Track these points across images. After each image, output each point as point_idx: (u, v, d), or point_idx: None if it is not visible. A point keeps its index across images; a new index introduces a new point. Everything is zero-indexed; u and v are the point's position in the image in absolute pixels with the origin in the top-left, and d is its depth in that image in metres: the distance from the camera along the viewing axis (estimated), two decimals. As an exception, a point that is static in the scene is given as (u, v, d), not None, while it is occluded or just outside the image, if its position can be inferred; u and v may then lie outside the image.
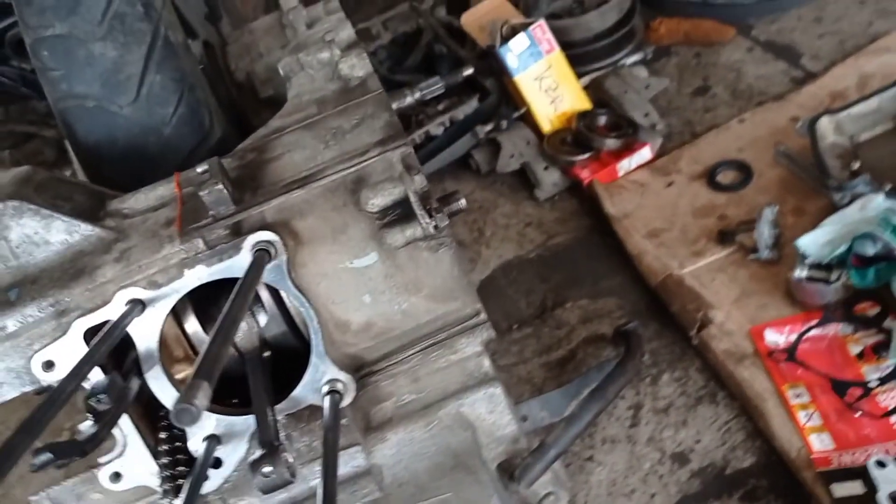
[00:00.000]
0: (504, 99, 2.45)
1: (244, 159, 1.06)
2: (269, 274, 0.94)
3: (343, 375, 0.99)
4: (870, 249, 1.65)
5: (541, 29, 2.29)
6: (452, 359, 1.05)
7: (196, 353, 1.03)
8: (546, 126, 2.35)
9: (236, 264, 0.93)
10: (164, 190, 1.06)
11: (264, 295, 1.01)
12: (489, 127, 2.41)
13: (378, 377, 1.03)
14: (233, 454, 0.97)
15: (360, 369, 1.02)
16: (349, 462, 1.01)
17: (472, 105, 2.49)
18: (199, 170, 0.98)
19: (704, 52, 2.56)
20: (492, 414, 1.04)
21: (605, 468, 1.65)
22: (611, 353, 1.82)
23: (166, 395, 0.96)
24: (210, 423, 0.97)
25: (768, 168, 2.04)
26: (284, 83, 1.32)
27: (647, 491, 1.59)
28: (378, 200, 0.93)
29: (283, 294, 0.97)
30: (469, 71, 1.76)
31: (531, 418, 1.57)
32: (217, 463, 0.98)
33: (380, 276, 0.97)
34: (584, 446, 1.69)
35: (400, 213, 0.94)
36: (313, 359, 0.97)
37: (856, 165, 1.88)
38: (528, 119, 2.38)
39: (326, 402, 0.94)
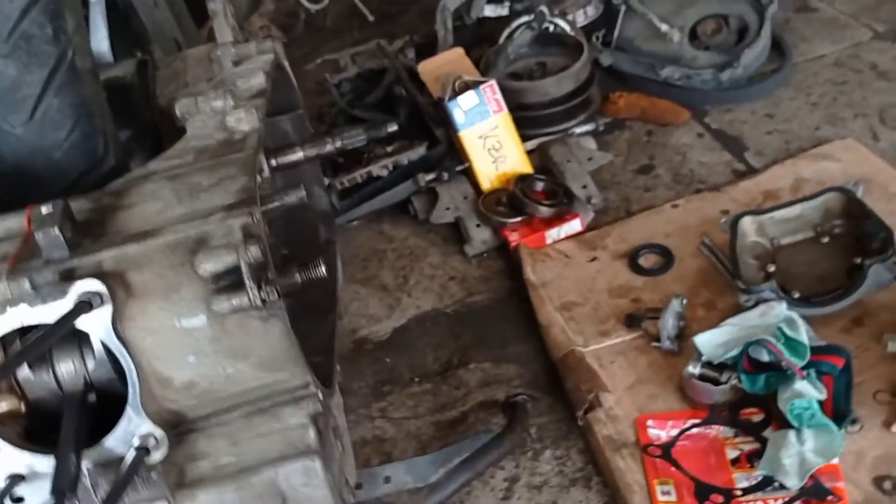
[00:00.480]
0: (451, 151, 2.47)
1: (99, 202, 1.07)
2: (92, 323, 0.94)
3: (158, 431, 0.98)
4: (764, 356, 1.65)
5: (491, 89, 2.31)
6: (276, 427, 1.04)
7: (20, 386, 1.02)
8: (485, 184, 2.36)
9: (60, 310, 0.93)
10: (14, 222, 1.07)
11: (95, 339, 1.00)
12: (431, 176, 2.42)
13: (197, 435, 1.03)
14: (34, 495, 0.96)
15: (180, 425, 1.02)
16: (155, 518, 1.01)
17: (419, 152, 2.51)
18: (43, 209, 0.99)
19: (657, 131, 2.58)
20: (306, 487, 1.03)
21: (469, 539, 1.65)
22: (500, 422, 1.81)
23: (-23, 428, 0.96)
24: (16, 459, 0.96)
25: (690, 257, 2.06)
26: (198, 117, 1.32)
27: (505, 568, 1.59)
28: (209, 266, 0.93)
29: (106, 345, 0.97)
30: (393, 127, 1.78)
31: (394, 481, 1.57)
32: (19, 500, 0.97)
33: (206, 338, 0.97)
34: (454, 513, 1.69)
35: (234, 281, 0.94)
36: (128, 411, 0.97)
37: (771, 268, 1.89)
38: (470, 174, 2.39)
39: (129, 456, 0.94)
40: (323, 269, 1.12)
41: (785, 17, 2.86)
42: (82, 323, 0.93)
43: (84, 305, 0.92)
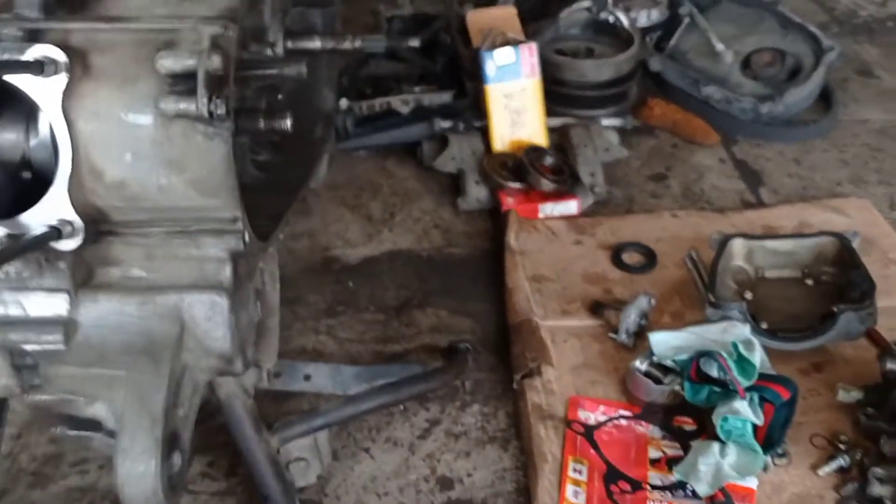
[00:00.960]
0: (475, 106, 2.44)
1: (89, -14, 1.05)
2: (42, 90, 0.93)
3: (77, 221, 0.96)
4: (713, 371, 1.62)
5: (530, 50, 2.28)
6: (194, 253, 1.02)
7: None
8: (497, 145, 2.33)
9: (12, 63, 0.91)
10: (2, -18, 1.05)
11: (43, 118, 0.99)
12: (447, 124, 2.40)
13: (115, 239, 1.01)
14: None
15: (100, 224, 1.00)
16: (51, 306, 0.99)
17: (443, 97, 2.49)
18: (31, -31, 0.97)
19: (682, 146, 2.55)
20: (208, 322, 1.01)
21: (374, 463, 1.62)
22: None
23: None
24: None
25: (673, 266, 2.02)
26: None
27: (400, 499, 1.56)
28: (168, 63, 0.91)
29: (48, 118, 0.95)
30: (415, 42, 1.75)
31: (314, 381, 1.54)
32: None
33: (147, 139, 0.95)
34: (367, 437, 1.66)
35: (189, 87, 0.92)
36: (52, 190, 0.95)
37: (748, 296, 1.85)
38: (485, 133, 2.36)
39: (37, 231, 0.92)
40: (288, 122, 1.09)
41: (844, 76, 2.82)
42: (32, 86, 0.92)
43: (38, 65, 0.90)
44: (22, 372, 1.02)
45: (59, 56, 0.93)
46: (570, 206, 2.19)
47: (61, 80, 0.93)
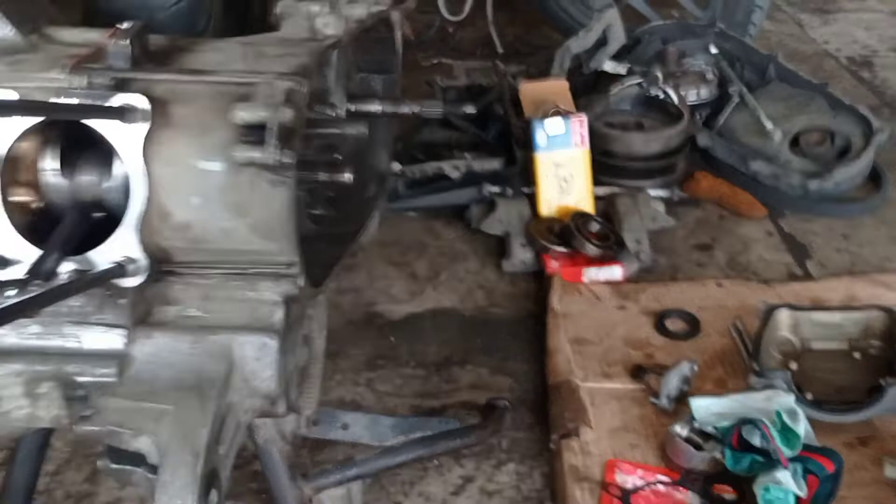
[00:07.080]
0: (524, 173, 2.50)
1: (174, 42, 1.14)
2: (125, 133, 1.00)
3: (143, 259, 1.02)
4: (756, 440, 1.60)
5: (580, 122, 2.34)
6: (249, 295, 1.06)
7: (41, 186, 1.07)
8: (544, 210, 2.38)
9: (95, 108, 0.99)
10: (97, 35, 1.13)
11: (118, 163, 1.06)
12: (496, 189, 2.46)
13: (175, 280, 1.06)
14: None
15: (162, 264, 1.05)
16: (108, 341, 1.04)
17: (493, 164, 2.56)
18: (124, 24, 1.06)
19: (728, 218, 2.56)
20: (256, 362, 1.04)
21: (406, 517, 1.63)
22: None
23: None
24: (10, 243, 1.01)
25: (717, 335, 2.01)
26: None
27: (430, 555, 1.56)
28: (243, 114, 0.97)
29: (126, 162, 1.01)
30: (471, 109, 1.82)
31: (351, 430, 1.57)
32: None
33: (216, 185, 1.01)
34: (400, 490, 1.67)
35: (260, 138, 0.98)
36: (121, 229, 1.01)
37: (794, 366, 1.84)
38: (533, 198, 2.41)
39: (102, 266, 0.98)
40: (348, 175, 1.16)
41: (894, 158, 2.82)
42: (116, 132, 0.99)
43: (121, 111, 0.97)
44: (73, 403, 1.06)
45: (143, 104, 1.00)
46: (615, 272, 2.21)
47: (144, 127, 1.00)
